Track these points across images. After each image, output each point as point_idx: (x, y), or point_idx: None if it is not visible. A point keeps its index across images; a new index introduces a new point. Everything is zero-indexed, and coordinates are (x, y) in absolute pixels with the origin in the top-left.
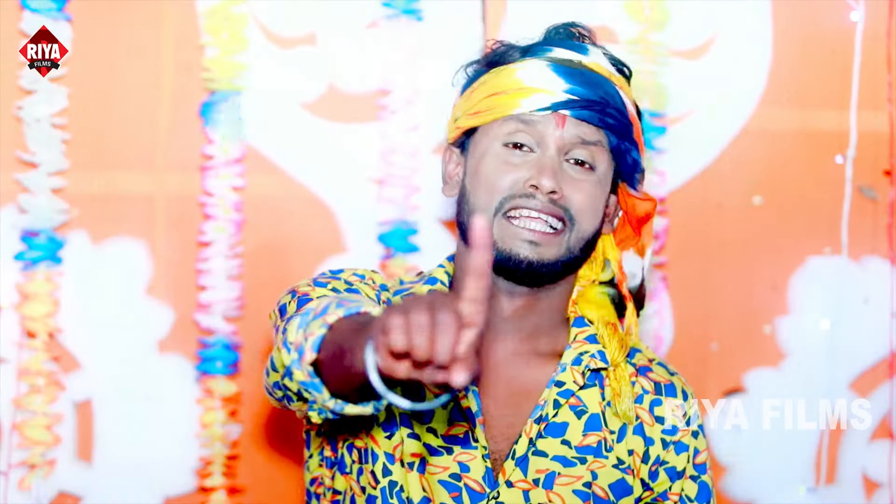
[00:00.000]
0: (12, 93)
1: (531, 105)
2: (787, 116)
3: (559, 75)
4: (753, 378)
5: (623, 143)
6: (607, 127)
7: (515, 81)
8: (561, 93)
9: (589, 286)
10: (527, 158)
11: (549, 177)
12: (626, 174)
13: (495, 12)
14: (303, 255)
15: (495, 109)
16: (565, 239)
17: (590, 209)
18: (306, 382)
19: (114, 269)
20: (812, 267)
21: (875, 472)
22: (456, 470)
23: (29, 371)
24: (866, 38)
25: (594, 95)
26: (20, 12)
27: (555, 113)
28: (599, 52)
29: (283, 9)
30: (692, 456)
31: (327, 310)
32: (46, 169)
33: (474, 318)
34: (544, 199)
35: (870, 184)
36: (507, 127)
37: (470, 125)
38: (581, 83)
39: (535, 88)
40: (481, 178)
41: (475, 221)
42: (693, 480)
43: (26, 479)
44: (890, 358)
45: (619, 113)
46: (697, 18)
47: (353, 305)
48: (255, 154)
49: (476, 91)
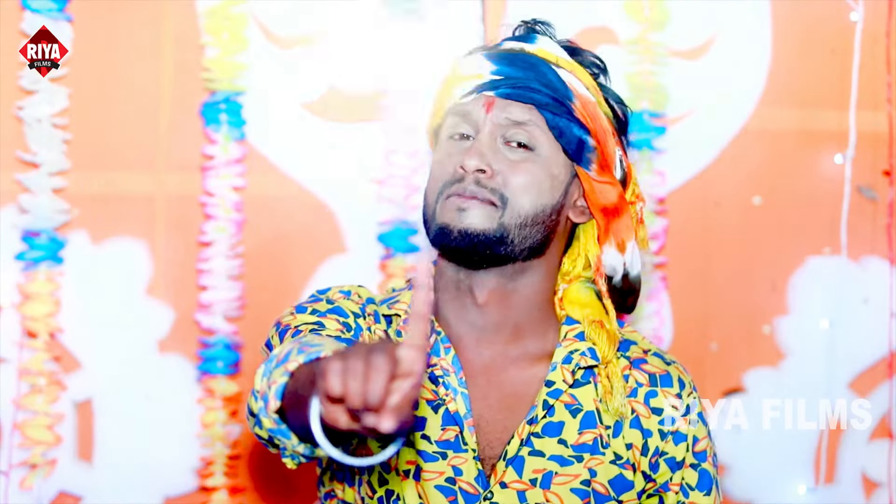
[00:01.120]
0: (13, 93)
1: (460, 91)
2: (786, 116)
3: (489, 60)
4: (753, 378)
5: (559, 120)
6: (535, 103)
7: (453, 72)
8: (487, 74)
9: (573, 284)
10: (464, 146)
11: (473, 156)
12: (574, 154)
13: (495, 12)
14: (303, 255)
15: (439, 103)
16: (497, 215)
17: (527, 187)
18: (274, 430)
19: (114, 269)
20: (811, 267)
21: (874, 472)
22: (450, 474)
23: (30, 371)
24: (866, 38)
25: (520, 74)
26: (21, 12)
27: (482, 95)
28: (548, 41)
29: (283, 9)
30: (691, 444)
31: (289, 356)
32: (47, 169)
33: (413, 365)
34: (472, 180)
35: (869, 184)
36: (450, 121)
37: (429, 126)
38: (508, 65)
39: (465, 76)
40: (431, 174)
41: (417, 262)
42: (693, 469)
43: (27, 479)
44: (889, 358)
45: (550, 88)
46: (697, 18)
47: (313, 351)
48: (255, 154)
49: (435, 93)
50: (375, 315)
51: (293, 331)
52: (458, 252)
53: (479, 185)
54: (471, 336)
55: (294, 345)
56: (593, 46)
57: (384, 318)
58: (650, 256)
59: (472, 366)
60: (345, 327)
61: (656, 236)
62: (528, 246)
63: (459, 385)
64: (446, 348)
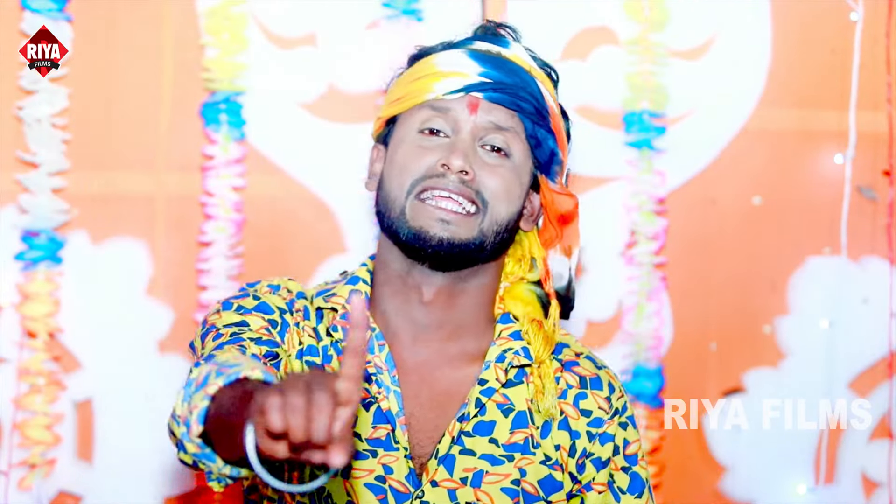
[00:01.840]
0: (13, 93)
1: (443, 88)
2: (786, 116)
3: (474, 60)
4: (753, 378)
5: (539, 130)
6: (521, 111)
7: (430, 67)
8: (474, 75)
9: (516, 283)
10: (441, 142)
11: (459, 156)
12: (544, 165)
13: (495, 12)
14: (303, 255)
15: (411, 95)
16: (478, 222)
17: (504, 194)
18: (198, 454)
19: (114, 269)
20: (811, 267)
21: (874, 472)
22: (380, 472)
23: (29, 371)
24: (865, 38)
25: (508, 79)
26: (20, 12)
27: (468, 96)
28: (521, 48)
29: (283, 9)
30: (622, 447)
31: (207, 380)
32: (47, 169)
33: (351, 395)
34: (455, 179)
35: (869, 184)
36: (422, 114)
37: (389, 114)
38: (495, 67)
39: (449, 72)
40: (396, 164)
41: (351, 299)
42: (625, 472)
43: (27, 479)
44: (889, 358)
45: (534, 98)
46: (697, 18)
47: (232, 372)
48: (255, 154)
49: (397, 83)
50: (305, 311)
51: (215, 333)
52: (433, 256)
53: (464, 185)
54: (408, 333)
55: (212, 367)
56: (593, 46)
57: (315, 313)
58: (650, 257)
59: (405, 364)
60: (270, 324)
61: (656, 236)
62: (495, 251)
63: (392, 383)
64: (380, 345)
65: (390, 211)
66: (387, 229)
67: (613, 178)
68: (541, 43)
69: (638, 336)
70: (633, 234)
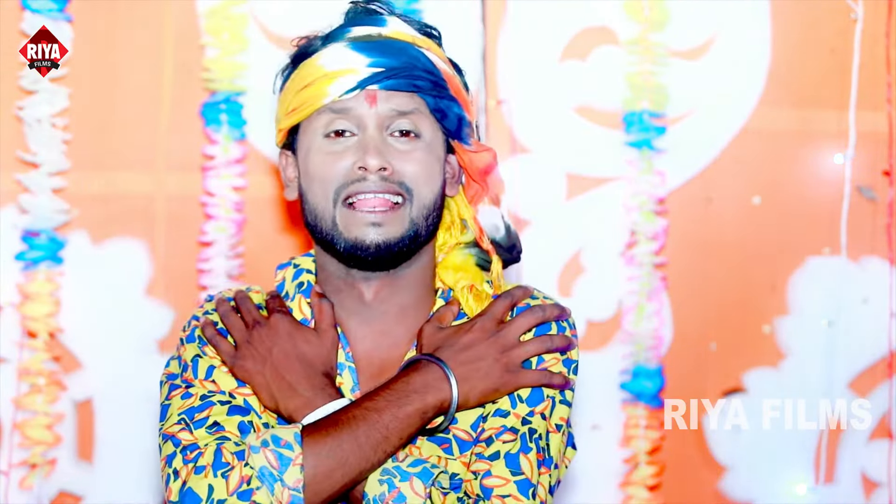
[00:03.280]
0: (13, 93)
1: (338, 89)
2: (786, 116)
3: (359, 52)
4: (753, 378)
5: (441, 103)
6: (420, 90)
7: (318, 69)
8: (364, 68)
9: (450, 252)
10: (349, 143)
11: (374, 154)
12: (455, 132)
13: (495, 12)
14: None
15: (307, 103)
16: (407, 212)
17: (424, 177)
18: None
19: (114, 269)
20: (811, 267)
21: (874, 472)
22: None
23: (30, 371)
24: (865, 38)
25: (398, 62)
26: (21, 13)
27: (364, 90)
28: (398, 20)
29: (283, 9)
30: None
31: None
32: (47, 169)
33: None
34: (376, 178)
35: (869, 184)
36: (323, 119)
37: (290, 124)
38: (382, 54)
39: (338, 72)
40: (311, 174)
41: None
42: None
43: (27, 479)
44: (889, 358)
45: (429, 73)
46: (697, 19)
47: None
48: (255, 154)
49: (288, 89)
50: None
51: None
52: (374, 263)
53: (385, 181)
54: (354, 321)
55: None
56: (593, 46)
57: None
58: (650, 257)
59: (356, 344)
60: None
61: (656, 236)
62: (429, 233)
63: (346, 359)
64: None
65: (321, 223)
66: (321, 241)
67: (613, 178)
68: (541, 43)
69: (638, 336)
70: (633, 234)
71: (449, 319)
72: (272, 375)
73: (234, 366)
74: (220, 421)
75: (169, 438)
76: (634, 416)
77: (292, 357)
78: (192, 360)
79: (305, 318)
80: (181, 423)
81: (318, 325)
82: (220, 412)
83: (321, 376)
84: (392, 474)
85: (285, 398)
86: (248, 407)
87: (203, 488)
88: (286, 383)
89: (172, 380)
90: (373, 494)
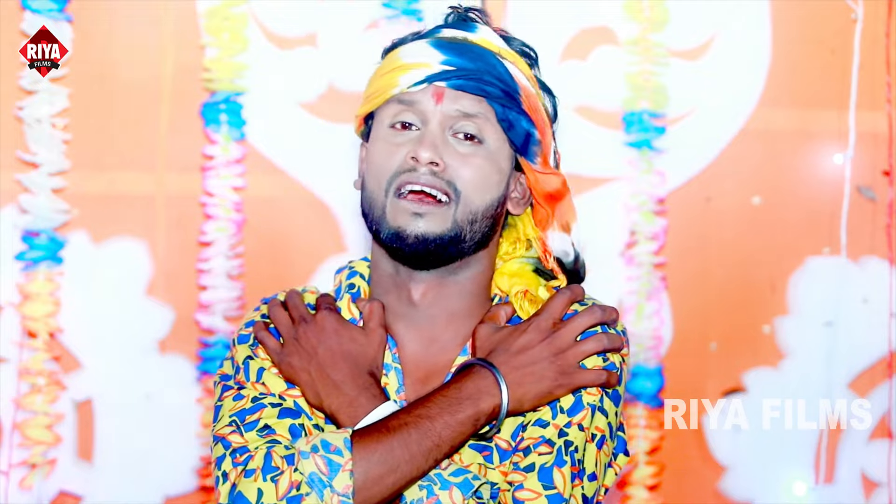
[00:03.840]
0: (13, 93)
1: (407, 80)
2: (786, 116)
3: (437, 49)
4: (753, 378)
5: (509, 113)
6: (488, 96)
7: (396, 60)
8: (437, 64)
9: (510, 260)
10: (411, 136)
11: (427, 148)
12: (521, 147)
13: (495, 12)
14: (303, 254)
15: (380, 91)
16: (451, 212)
17: (479, 183)
18: None
19: (114, 269)
20: (811, 267)
21: (874, 472)
22: None
23: (30, 371)
24: (865, 38)
25: (471, 65)
26: (21, 13)
27: (432, 86)
28: (490, 31)
29: (283, 9)
30: None
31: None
32: (47, 169)
33: None
34: (426, 171)
35: (868, 184)
36: (391, 109)
37: (364, 112)
38: (458, 54)
39: (412, 64)
40: (371, 163)
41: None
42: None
43: (27, 479)
44: (889, 358)
45: (501, 81)
46: (697, 19)
47: None
48: (255, 154)
49: (370, 79)
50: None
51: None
52: (412, 256)
53: (435, 177)
54: (402, 323)
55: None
56: (593, 46)
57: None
58: (650, 257)
59: (404, 347)
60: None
61: (656, 236)
62: (476, 241)
63: (393, 360)
64: None
65: (373, 211)
66: (371, 230)
67: (613, 178)
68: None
69: (638, 336)
70: (633, 234)
71: (502, 319)
72: (317, 372)
73: (281, 362)
74: (271, 424)
75: (219, 441)
76: (634, 416)
77: (338, 355)
78: (243, 361)
79: (354, 318)
80: (232, 426)
81: (366, 324)
82: (272, 415)
83: (366, 375)
84: (433, 481)
85: (329, 396)
86: (298, 409)
87: (252, 492)
88: (331, 381)
89: (226, 380)
90: (411, 499)
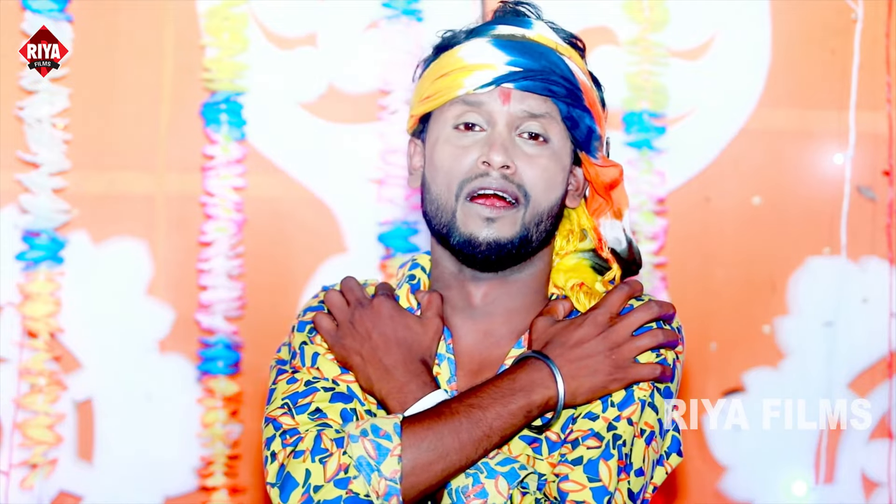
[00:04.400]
0: (13, 93)
1: (474, 82)
2: (786, 116)
3: (500, 49)
4: (753, 378)
5: (574, 111)
6: (554, 95)
7: (457, 61)
8: (502, 66)
9: (566, 256)
10: (477, 138)
11: (499, 151)
12: (584, 143)
13: None
14: (303, 255)
15: (442, 92)
16: (520, 215)
17: (544, 184)
18: None
19: (114, 269)
20: (811, 267)
21: (874, 472)
22: None
23: (30, 371)
24: (865, 38)
25: (537, 65)
26: (21, 13)
27: (499, 87)
28: (545, 25)
29: (283, 9)
30: None
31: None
32: (47, 169)
33: None
34: (497, 175)
35: (869, 184)
36: (455, 110)
37: (422, 111)
38: (522, 54)
39: (476, 65)
40: (437, 165)
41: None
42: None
43: (28, 479)
44: (889, 358)
45: (566, 80)
46: (697, 19)
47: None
48: (255, 154)
49: (425, 78)
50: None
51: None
52: (484, 261)
53: (506, 181)
54: (460, 317)
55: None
56: (593, 46)
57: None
58: (650, 257)
59: (459, 339)
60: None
61: (656, 236)
62: (542, 240)
63: (447, 351)
64: None
65: (441, 215)
66: (437, 233)
67: None
68: None
69: None
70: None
71: (560, 313)
72: (370, 356)
73: (334, 344)
74: (322, 408)
75: (270, 422)
76: None
77: (391, 340)
78: (299, 346)
79: (411, 307)
80: (284, 408)
81: (423, 313)
82: (324, 399)
83: (418, 363)
84: (479, 470)
85: (380, 380)
86: (351, 394)
87: (301, 472)
88: (382, 365)
89: (281, 365)
90: (456, 486)
